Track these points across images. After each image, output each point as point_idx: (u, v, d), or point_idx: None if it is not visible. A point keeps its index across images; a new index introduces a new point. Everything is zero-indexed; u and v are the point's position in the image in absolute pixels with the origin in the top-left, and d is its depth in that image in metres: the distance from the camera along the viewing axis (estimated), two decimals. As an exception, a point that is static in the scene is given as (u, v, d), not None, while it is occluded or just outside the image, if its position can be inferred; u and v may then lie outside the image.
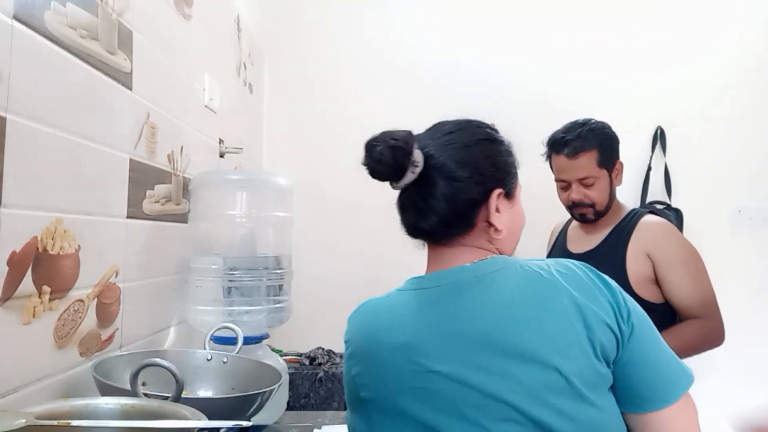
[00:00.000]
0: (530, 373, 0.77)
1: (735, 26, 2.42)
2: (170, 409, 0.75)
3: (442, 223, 0.88)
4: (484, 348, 0.79)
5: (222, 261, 1.39)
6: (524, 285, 0.82)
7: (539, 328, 0.79)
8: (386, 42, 2.43)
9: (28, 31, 0.85)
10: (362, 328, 0.90)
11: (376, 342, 0.86)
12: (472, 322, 0.81)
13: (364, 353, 0.87)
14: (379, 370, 0.84)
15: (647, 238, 1.54)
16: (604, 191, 1.55)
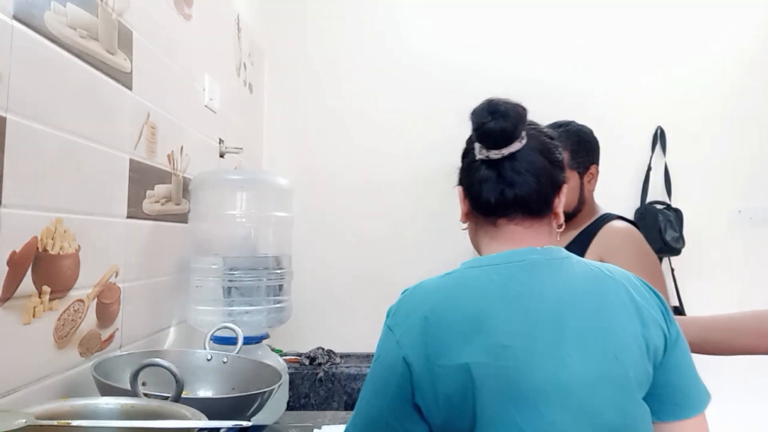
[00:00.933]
0: (591, 362, 0.76)
1: (735, 26, 2.42)
2: (170, 409, 0.75)
3: (539, 197, 0.88)
4: (551, 330, 0.77)
5: (222, 261, 1.39)
6: (588, 276, 0.83)
7: (602, 319, 0.79)
8: (386, 41, 2.43)
9: (28, 31, 0.85)
10: (428, 301, 0.82)
11: (446, 313, 0.80)
12: (541, 301, 0.79)
13: (431, 324, 0.79)
14: (449, 341, 0.77)
15: (604, 242, 1.52)
16: (571, 193, 1.53)
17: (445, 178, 2.37)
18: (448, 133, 2.38)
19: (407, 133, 2.40)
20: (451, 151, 2.57)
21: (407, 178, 2.40)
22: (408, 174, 2.40)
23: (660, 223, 2.26)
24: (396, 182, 2.40)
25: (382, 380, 0.80)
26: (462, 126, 2.53)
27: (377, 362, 0.83)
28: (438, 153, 2.39)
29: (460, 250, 2.36)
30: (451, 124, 2.59)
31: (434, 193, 2.40)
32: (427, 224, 2.39)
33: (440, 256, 2.37)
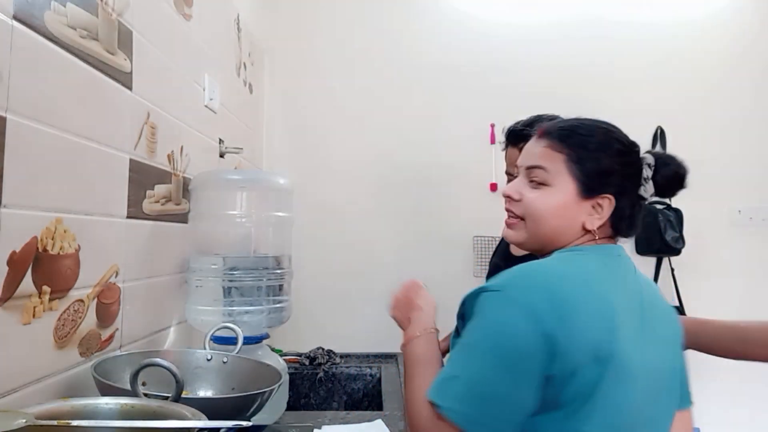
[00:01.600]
0: (661, 349, 0.90)
1: (735, 26, 2.42)
2: (170, 409, 0.75)
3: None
4: (637, 317, 0.88)
5: (222, 261, 1.39)
6: (641, 275, 0.98)
7: (662, 312, 0.95)
8: (387, 41, 2.44)
9: (28, 31, 0.85)
10: (555, 279, 0.83)
11: (575, 292, 0.82)
12: (632, 290, 0.91)
13: (566, 302, 0.80)
14: (580, 318, 0.80)
15: None
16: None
17: (445, 178, 2.39)
18: (449, 133, 2.40)
19: (407, 132, 2.40)
20: (452, 150, 2.59)
21: (407, 177, 2.40)
22: (408, 174, 2.40)
23: (660, 223, 2.26)
24: (396, 182, 2.40)
25: (512, 354, 0.78)
26: (462, 125, 2.54)
27: (501, 336, 0.79)
28: (438, 153, 2.39)
29: (460, 250, 2.37)
30: (452, 124, 2.61)
31: (434, 193, 2.40)
32: (427, 224, 2.39)
33: (440, 256, 2.37)
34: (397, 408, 1.45)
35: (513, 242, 0.98)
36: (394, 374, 1.91)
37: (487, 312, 0.82)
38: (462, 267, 2.31)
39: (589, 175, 0.91)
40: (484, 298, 0.83)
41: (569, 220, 0.92)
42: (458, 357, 0.83)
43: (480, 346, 0.81)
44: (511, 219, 0.97)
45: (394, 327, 1.12)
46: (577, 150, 0.92)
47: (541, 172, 0.93)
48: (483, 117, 2.37)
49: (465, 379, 0.80)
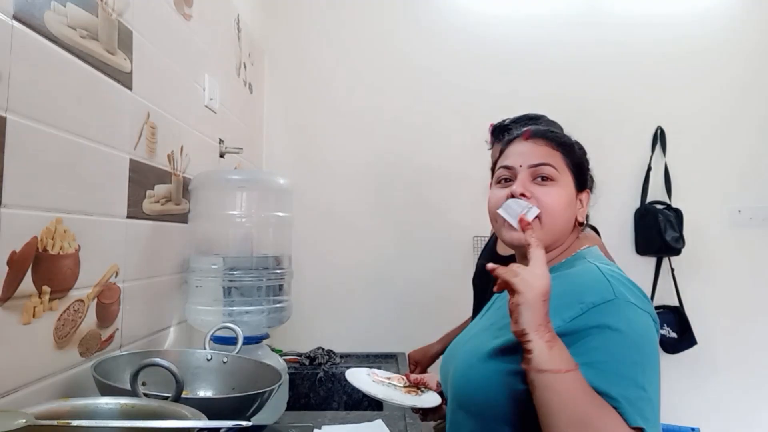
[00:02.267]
0: None
1: (735, 26, 2.42)
2: (170, 409, 0.75)
3: None
4: None
5: (222, 261, 1.39)
6: None
7: None
8: (386, 41, 2.44)
9: (28, 31, 0.85)
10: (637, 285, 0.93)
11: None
12: None
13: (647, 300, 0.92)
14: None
15: None
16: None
17: (445, 177, 2.39)
18: (449, 132, 2.40)
19: (407, 132, 2.40)
20: (451, 150, 2.59)
21: (407, 177, 2.40)
22: (408, 173, 2.40)
23: (660, 223, 2.26)
24: (396, 182, 2.40)
25: (656, 357, 0.86)
26: (461, 126, 2.54)
27: (650, 344, 0.85)
28: (438, 152, 2.39)
29: (460, 250, 2.37)
30: (452, 124, 2.60)
31: (435, 192, 2.40)
32: (427, 224, 2.39)
33: (440, 256, 2.37)
34: (396, 408, 1.45)
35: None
36: (394, 374, 1.90)
37: (626, 322, 0.84)
38: (462, 267, 2.30)
39: (579, 170, 1.02)
40: (618, 308, 0.85)
41: (572, 214, 1.00)
42: (629, 371, 0.81)
43: (643, 358, 0.83)
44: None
45: (394, 327, 1.11)
46: (567, 149, 1.01)
47: (549, 168, 0.97)
48: (482, 117, 2.37)
49: (652, 397, 0.82)
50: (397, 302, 2.34)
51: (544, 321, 0.79)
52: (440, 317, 2.06)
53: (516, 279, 0.80)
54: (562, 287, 0.89)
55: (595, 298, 0.85)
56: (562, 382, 0.78)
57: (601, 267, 0.91)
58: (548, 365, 0.78)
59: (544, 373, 0.78)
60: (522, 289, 0.80)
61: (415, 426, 1.32)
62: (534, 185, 0.97)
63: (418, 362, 1.98)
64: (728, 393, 2.34)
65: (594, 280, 0.89)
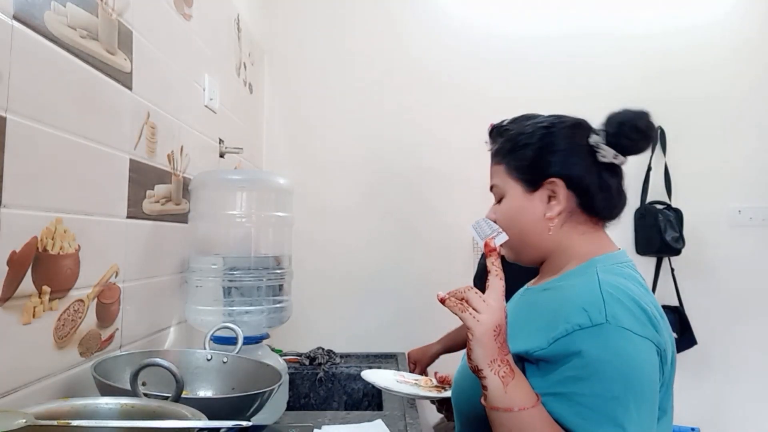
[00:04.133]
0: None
1: (736, 26, 2.42)
2: (170, 409, 0.75)
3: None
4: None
5: (222, 261, 1.39)
6: None
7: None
8: (386, 41, 2.43)
9: (28, 31, 0.85)
10: (650, 300, 0.87)
11: (659, 310, 0.88)
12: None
13: (657, 322, 0.84)
14: (668, 337, 0.87)
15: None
16: None
17: (445, 178, 2.39)
18: (449, 132, 2.40)
19: (407, 133, 2.40)
20: (452, 151, 2.59)
21: (408, 177, 2.40)
22: (408, 174, 2.40)
23: (660, 223, 2.26)
24: (397, 182, 2.40)
25: (653, 386, 0.82)
26: (462, 126, 2.54)
27: (640, 373, 0.79)
28: (439, 153, 2.39)
29: (460, 250, 2.36)
30: (452, 124, 2.60)
31: (435, 192, 2.40)
32: (427, 224, 2.39)
33: (440, 257, 2.37)
34: (396, 408, 1.45)
35: (513, 261, 1.01)
36: (394, 374, 1.91)
37: (614, 351, 0.77)
38: (462, 267, 2.31)
39: (523, 169, 0.96)
40: (606, 334, 0.78)
41: (530, 216, 0.95)
42: (606, 408, 0.75)
43: (627, 393, 0.76)
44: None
45: (394, 327, 1.11)
46: (508, 155, 0.98)
47: (496, 189, 1.01)
48: (483, 117, 2.37)
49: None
50: (397, 302, 2.34)
51: (498, 355, 0.76)
52: (440, 318, 2.05)
53: (464, 314, 0.77)
54: (556, 302, 0.85)
55: (582, 319, 0.79)
56: (515, 419, 0.75)
57: (603, 281, 0.83)
58: (501, 403, 0.76)
59: (498, 410, 0.76)
60: (470, 324, 0.76)
61: (415, 426, 1.32)
62: (498, 205, 1.01)
63: (417, 361, 1.98)
64: (728, 393, 2.34)
65: (588, 297, 0.81)
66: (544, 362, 0.81)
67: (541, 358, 0.81)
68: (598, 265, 0.89)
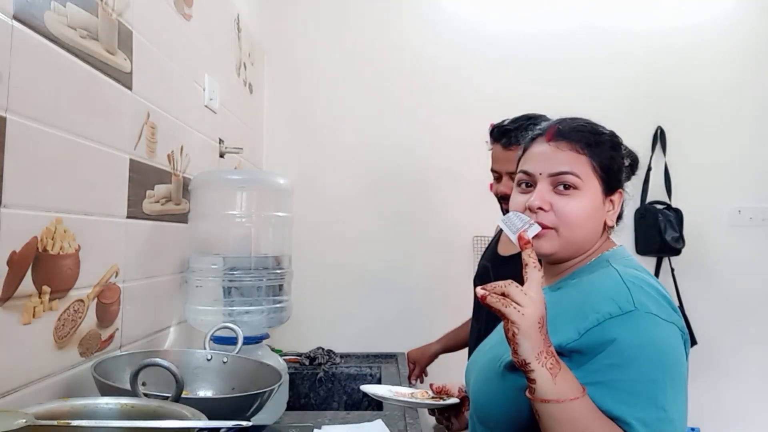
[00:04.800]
0: None
1: (736, 26, 2.42)
2: (170, 409, 0.75)
3: None
4: None
5: (222, 261, 1.39)
6: None
7: None
8: (386, 41, 2.43)
9: (28, 31, 0.85)
10: (662, 290, 0.89)
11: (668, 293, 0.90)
12: None
13: (676, 310, 0.87)
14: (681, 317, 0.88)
15: None
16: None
17: (445, 178, 2.39)
18: (449, 132, 2.40)
19: (408, 133, 2.40)
20: (452, 151, 2.59)
21: (408, 178, 2.40)
22: (409, 174, 2.40)
23: (660, 223, 2.26)
24: (397, 182, 2.40)
25: (682, 370, 0.83)
26: (462, 126, 2.54)
27: (672, 358, 0.82)
28: (439, 153, 2.39)
29: (460, 250, 2.37)
30: (452, 124, 2.60)
31: (435, 193, 2.40)
32: (427, 224, 2.39)
33: (440, 257, 2.37)
34: (396, 408, 1.45)
35: (546, 254, 0.93)
36: (394, 374, 1.90)
37: (646, 336, 0.80)
38: (462, 267, 2.30)
39: (608, 173, 0.94)
40: (637, 320, 0.80)
41: (599, 220, 0.94)
42: (647, 390, 0.77)
43: (664, 375, 0.78)
44: (542, 230, 0.91)
45: (394, 327, 1.11)
46: (596, 150, 0.93)
47: (572, 177, 0.91)
48: (483, 117, 2.37)
49: (674, 417, 0.78)
50: (397, 302, 2.34)
51: (544, 347, 0.76)
52: (440, 318, 2.06)
53: (508, 309, 0.75)
54: (579, 296, 0.86)
55: (612, 308, 0.81)
56: (566, 411, 0.75)
57: (623, 272, 0.86)
58: (552, 395, 0.75)
59: (549, 402, 0.76)
60: (515, 318, 0.75)
61: (415, 426, 1.32)
62: (554, 195, 0.91)
63: (417, 361, 1.98)
64: (728, 393, 2.34)
65: (613, 287, 0.84)
66: (577, 354, 0.82)
67: (574, 350, 0.82)
68: (609, 259, 0.92)
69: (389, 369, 1.97)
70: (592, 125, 0.97)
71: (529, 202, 0.91)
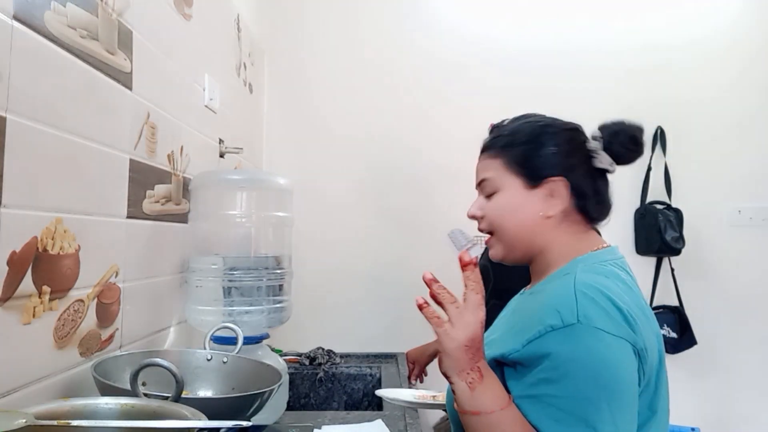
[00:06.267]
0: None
1: (735, 26, 2.42)
2: (170, 409, 0.75)
3: None
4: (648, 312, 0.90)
5: (222, 261, 1.39)
6: None
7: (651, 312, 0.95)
8: (386, 41, 2.43)
9: (28, 31, 0.85)
10: (631, 298, 0.85)
11: (641, 309, 0.86)
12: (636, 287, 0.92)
13: (641, 322, 0.83)
14: (650, 336, 0.85)
15: None
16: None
17: (445, 178, 2.39)
18: (449, 132, 2.40)
19: (408, 133, 2.40)
20: (452, 150, 2.58)
21: (408, 178, 2.40)
22: (409, 174, 2.40)
23: (660, 223, 2.26)
24: (397, 182, 2.40)
25: (631, 387, 0.80)
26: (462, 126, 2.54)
27: (614, 372, 0.78)
28: (439, 152, 2.39)
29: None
30: (451, 124, 2.60)
31: (435, 192, 2.40)
32: (427, 224, 2.39)
33: (440, 256, 2.37)
34: (396, 408, 1.45)
35: (498, 260, 0.98)
36: (394, 374, 1.90)
37: (585, 351, 0.76)
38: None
39: (526, 165, 0.94)
40: (578, 334, 0.77)
41: (527, 213, 0.94)
42: (577, 409, 0.75)
43: (600, 393, 0.75)
44: (488, 238, 0.99)
45: (394, 327, 1.11)
46: (506, 148, 0.96)
47: (486, 183, 0.98)
48: (483, 117, 2.37)
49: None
50: (397, 302, 2.34)
51: (467, 366, 0.77)
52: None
53: (439, 329, 0.79)
54: (534, 304, 0.86)
55: (555, 320, 0.78)
56: (484, 423, 0.76)
57: (579, 281, 0.82)
58: (469, 407, 0.77)
59: (466, 414, 0.78)
60: (442, 339, 0.78)
61: (415, 426, 1.32)
62: (485, 201, 0.98)
63: (416, 361, 1.99)
64: (728, 393, 2.34)
65: (561, 298, 0.81)
66: (520, 365, 0.82)
67: (516, 360, 0.82)
68: (579, 264, 0.89)
69: (389, 369, 1.97)
70: (515, 126, 0.99)
71: (467, 213, 1.00)
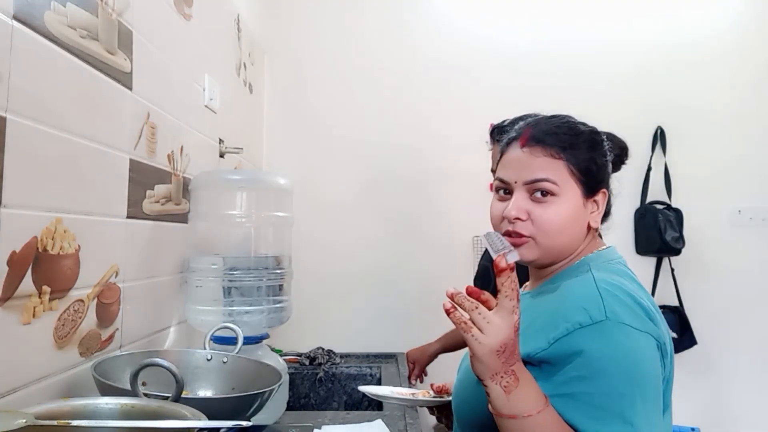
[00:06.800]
0: None
1: (735, 26, 2.42)
2: (170, 409, 0.75)
3: None
4: None
5: (222, 261, 1.39)
6: None
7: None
8: (387, 42, 2.44)
9: (28, 31, 0.85)
10: (645, 295, 0.87)
11: (655, 305, 0.87)
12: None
13: (654, 318, 0.83)
14: (666, 331, 0.87)
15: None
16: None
17: (445, 178, 2.39)
18: (450, 132, 2.40)
19: (408, 133, 2.40)
20: (452, 150, 2.59)
21: (408, 178, 2.40)
22: (409, 174, 2.40)
23: (660, 223, 2.26)
24: (397, 182, 2.40)
25: (656, 382, 0.82)
26: (462, 126, 2.54)
27: (643, 368, 0.79)
28: (439, 152, 2.39)
29: (460, 251, 2.37)
30: (453, 123, 2.60)
31: (435, 193, 2.40)
32: (427, 224, 2.39)
33: (440, 257, 2.37)
34: (396, 408, 1.45)
35: (526, 262, 0.92)
36: (394, 374, 1.90)
37: (616, 347, 0.77)
38: (462, 267, 2.31)
39: (588, 174, 0.90)
40: (607, 331, 0.77)
41: (580, 225, 0.91)
42: (614, 405, 0.75)
43: (633, 389, 0.76)
44: (520, 239, 0.89)
45: (394, 327, 1.11)
46: (573, 152, 0.89)
47: (548, 184, 0.88)
48: (482, 117, 2.37)
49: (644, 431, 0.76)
50: (397, 302, 2.34)
51: (500, 369, 0.75)
52: (440, 317, 2.05)
53: (467, 335, 0.75)
54: (554, 303, 0.85)
55: (582, 317, 0.79)
56: (522, 426, 0.75)
57: (598, 279, 0.83)
58: (505, 411, 0.76)
59: (503, 417, 0.76)
60: (471, 344, 0.75)
61: (415, 426, 1.32)
62: (531, 202, 0.89)
63: (416, 361, 1.99)
64: (728, 393, 2.34)
65: (586, 295, 0.81)
66: (547, 364, 0.81)
67: (542, 359, 0.81)
68: (590, 263, 0.89)
69: (389, 369, 1.97)
70: (569, 125, 0.93)
71: (506, 212, 0.89)
